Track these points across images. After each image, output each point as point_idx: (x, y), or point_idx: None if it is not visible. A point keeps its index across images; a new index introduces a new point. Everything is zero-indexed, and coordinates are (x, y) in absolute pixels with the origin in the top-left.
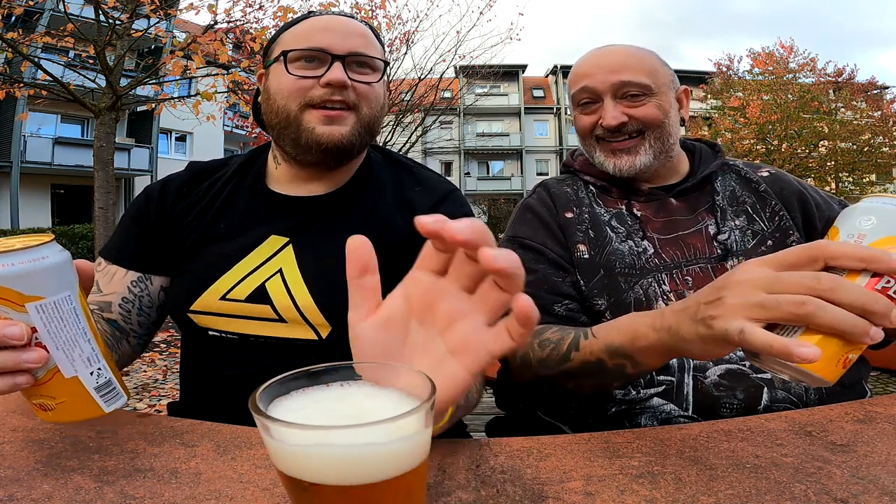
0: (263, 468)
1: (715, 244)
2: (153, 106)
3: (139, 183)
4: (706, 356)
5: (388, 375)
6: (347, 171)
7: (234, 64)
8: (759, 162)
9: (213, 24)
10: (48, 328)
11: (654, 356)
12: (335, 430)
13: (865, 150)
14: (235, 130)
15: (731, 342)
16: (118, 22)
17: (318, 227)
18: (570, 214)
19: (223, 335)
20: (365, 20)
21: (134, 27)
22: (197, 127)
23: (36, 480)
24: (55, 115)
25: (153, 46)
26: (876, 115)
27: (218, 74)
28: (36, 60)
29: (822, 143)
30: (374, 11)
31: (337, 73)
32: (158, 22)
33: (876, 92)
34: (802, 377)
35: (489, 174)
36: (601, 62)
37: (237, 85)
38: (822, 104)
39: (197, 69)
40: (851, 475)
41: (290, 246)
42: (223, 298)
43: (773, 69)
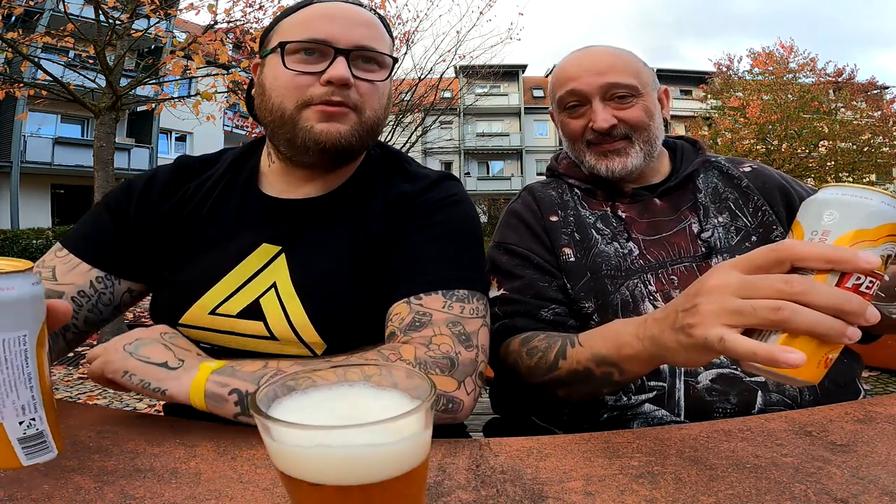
0: (263, 468)
1: (699, 242)
2: (153, 106)
3: None
4: (691, 364)
5: (388, 376)
6: (345, 172)
7: (234, 64)
8: (758, 161)
9: (213, 24)
10: None
11: (640, 364)
12: (335, 430)
13: (865, 150)
14: (235, 130)
15: (712, 350)
16: (118, 22)
17: (311, 232)
18: (555, 218)
19: (215, 348)
20: (374, 8)
21: (134, 27)
22: (197, 127)
23: (36, 480)
24: (55, 115)
25: (153, 46)
26: (876, 115)
27: (218, 74)
28: (36, 60)
29: (822, 143)
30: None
31: (339, 69)
32: (158, 22)
33: (876, 92)
34: (784, 379)
35: (489, 174)
36: (587, 64)
37: (237, 85)
38: (822, 104)
39: (197, 69)
40: (851, 475)
41: (282, 255)
42: (213, 313)
43: (773, 69)
